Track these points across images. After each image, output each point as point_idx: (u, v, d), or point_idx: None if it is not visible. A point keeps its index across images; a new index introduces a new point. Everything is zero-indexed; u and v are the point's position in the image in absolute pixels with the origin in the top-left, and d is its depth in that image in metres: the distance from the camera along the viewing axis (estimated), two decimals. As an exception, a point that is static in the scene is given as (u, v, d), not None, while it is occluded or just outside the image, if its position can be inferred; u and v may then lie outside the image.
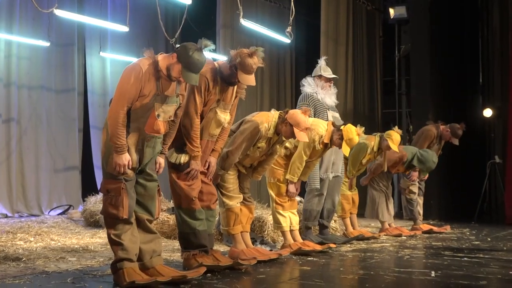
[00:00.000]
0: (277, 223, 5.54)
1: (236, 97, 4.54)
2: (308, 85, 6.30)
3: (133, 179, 3.81)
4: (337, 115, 6.38)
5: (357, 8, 11.21)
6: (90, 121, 10.41)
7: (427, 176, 7.84)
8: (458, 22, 10.54)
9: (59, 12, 7.78)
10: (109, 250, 5.31)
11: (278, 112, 4.95)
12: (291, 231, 5.51)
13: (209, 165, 4.52)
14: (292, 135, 4.86)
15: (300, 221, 5.80)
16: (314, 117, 5.97)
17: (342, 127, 5.56)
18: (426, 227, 7.62)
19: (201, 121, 4.35)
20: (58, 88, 9.82)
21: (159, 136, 3.90)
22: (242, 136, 4.76)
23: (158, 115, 3.79)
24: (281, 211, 5.50)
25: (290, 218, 5.53)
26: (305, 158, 5.47)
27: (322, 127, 5.52)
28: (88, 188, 9.65)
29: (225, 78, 4.36)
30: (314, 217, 6.11)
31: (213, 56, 4.74)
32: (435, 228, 7.61)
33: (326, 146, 5.60)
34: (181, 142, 4.28)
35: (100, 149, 4.11)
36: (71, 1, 9.75)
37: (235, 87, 4.47)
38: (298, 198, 6.00)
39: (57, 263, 4.57)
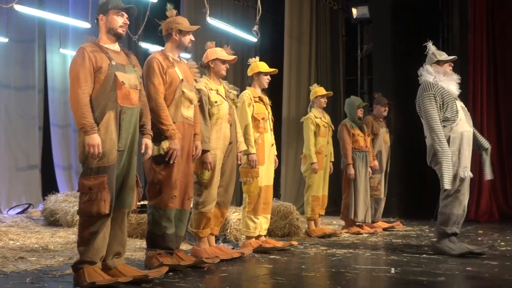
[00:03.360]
0: (246, 228, 5.51)
1: (194, 79, 4.69)
2: (428, 73, 5.47)
3: (115, 168, 3.74)
4: (463, 105, 5.52)
5: (320, 8, 11.29)
6: (50, 118, 10.26)
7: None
8: (420, 22, 10.70)
9: (19, 8, 7.64)
10: (70, 250, 5.27)
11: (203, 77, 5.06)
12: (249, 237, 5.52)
13: (196, 148, 4.57)
14: (219, 66, 5.04)
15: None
16: (442, 108, 5.28)
17: None
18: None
19: (171, 103, 4.38)
20: (17, 85, 9.63)
21: (134, 108, 3.86)
22: None
23: (123, 82, 3.79)
24: (252, 217, 5.47)
25: (261, 224, 5.53)
26: (249, 122, 5.41)
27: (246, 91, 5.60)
28: (48, 187, 9.52)
29: (177, 46, 4.54)
30: (453, 222, 5.30)
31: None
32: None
33: (262, 100, 5.62)
34: (156, 132, 4.24)
35: (60, 148, 4.03)
36: (32, -4, 9.59)
37: (190, 68, 4.65)
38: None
39: (15, 263, 4.50)
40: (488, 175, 5.54)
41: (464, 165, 5.27)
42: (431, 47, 5.67)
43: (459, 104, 5.37)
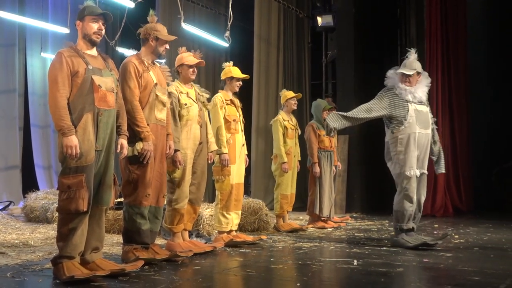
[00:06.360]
0: (218, 224, 5.49)
1: (167, 82, 4.66)
2: (391, 76, 5.57)
3: (93, 167, 3.69)
4: (423, 108, 5.53)
5: (288, 16, 11.33)
6: (30, 119, 10.09)
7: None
8: (380, 31, 10.82)
9: (0, 13, 7.49)
10: (49, 245, 5.19)
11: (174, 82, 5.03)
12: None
13: (170, 148, 4.53)
14: (187, 71, 5.00)
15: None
16: (388, 108, 5.42)
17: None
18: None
19: (145, 106, 4.33)
20: (-2, 87, 9.46)
21: (111, 110, 3.82)
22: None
23: (100, 85, 3.74)
24: (224, 213, 5.46)
25: (232, 219, 5.52)
26: (222, 124, 5.38)
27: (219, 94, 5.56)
28: (29, 185, 9.35)
29: (152, 51, 4.48)
30: (408, 218, 5.36)
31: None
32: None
33: (233, 102, 5.59)
34: (130, 133, 4.18)
35: (40, 148, 3.97)
36: (12, 2, 9.40)
37: (163, 72, 4.61)
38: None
39: (-4, 258, 4.41)
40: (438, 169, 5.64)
41: (410, 165, 5.29)
42: (411, 55, 5.53)
43: (413, 108, 5.35)
